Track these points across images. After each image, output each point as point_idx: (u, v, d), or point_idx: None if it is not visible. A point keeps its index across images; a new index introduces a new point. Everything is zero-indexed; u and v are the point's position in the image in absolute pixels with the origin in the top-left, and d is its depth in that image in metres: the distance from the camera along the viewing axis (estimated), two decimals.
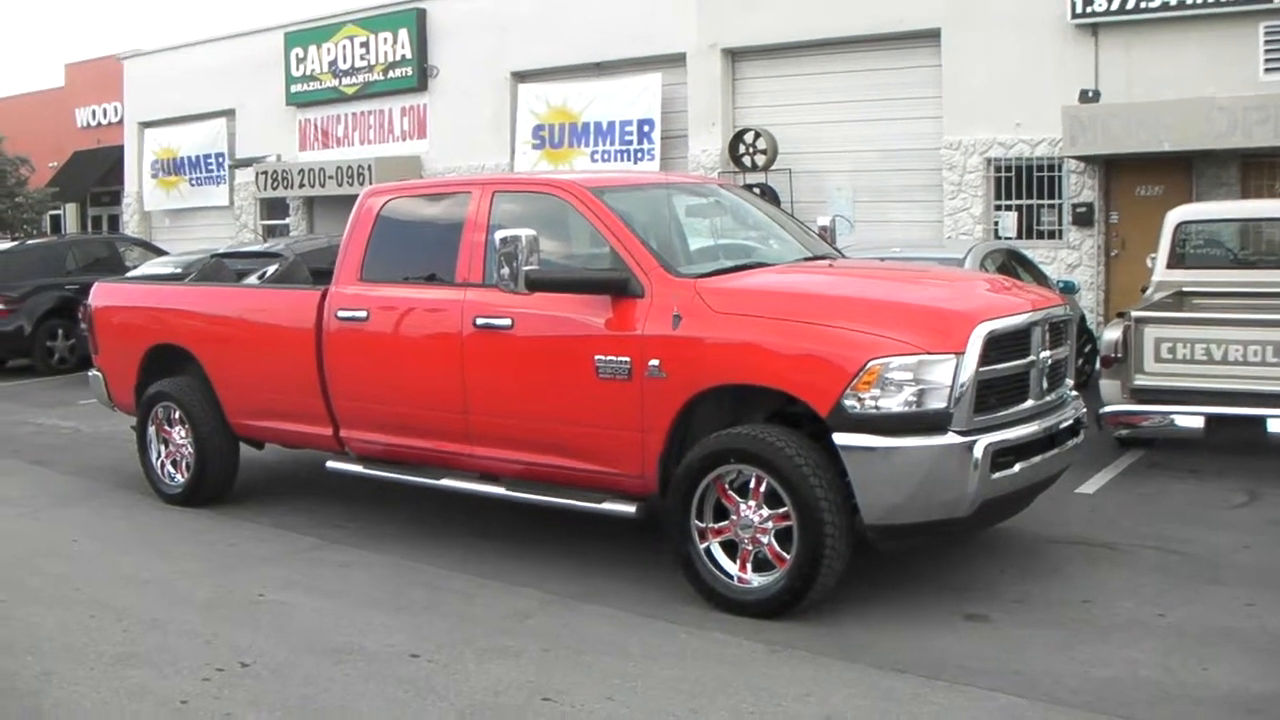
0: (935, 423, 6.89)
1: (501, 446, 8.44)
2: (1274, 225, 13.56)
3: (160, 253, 23.24)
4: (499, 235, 7.84)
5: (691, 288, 7.64)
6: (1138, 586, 7.74)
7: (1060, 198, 18.39)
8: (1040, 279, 13.67)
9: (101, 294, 11.61)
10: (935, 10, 18.93)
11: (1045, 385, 7.69)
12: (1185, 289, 12.41)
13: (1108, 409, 10.83)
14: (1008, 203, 18.87)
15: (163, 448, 10.71)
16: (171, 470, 10.65)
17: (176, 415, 10.47)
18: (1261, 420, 10.26)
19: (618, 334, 7.72)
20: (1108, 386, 10.95)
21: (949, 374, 6.88)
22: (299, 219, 28.39)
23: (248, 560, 8.84)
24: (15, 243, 24.37)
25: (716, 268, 8.23)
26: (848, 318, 7.15)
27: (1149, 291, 12.59)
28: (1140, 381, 10.68)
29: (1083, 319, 14.57)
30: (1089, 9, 17.44)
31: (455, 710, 5.98)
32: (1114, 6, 17.23)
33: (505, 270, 7.74)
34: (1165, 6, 16.89)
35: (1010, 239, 18.00)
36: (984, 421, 7.08)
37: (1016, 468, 7.25)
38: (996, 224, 18.88)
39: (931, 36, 19.07)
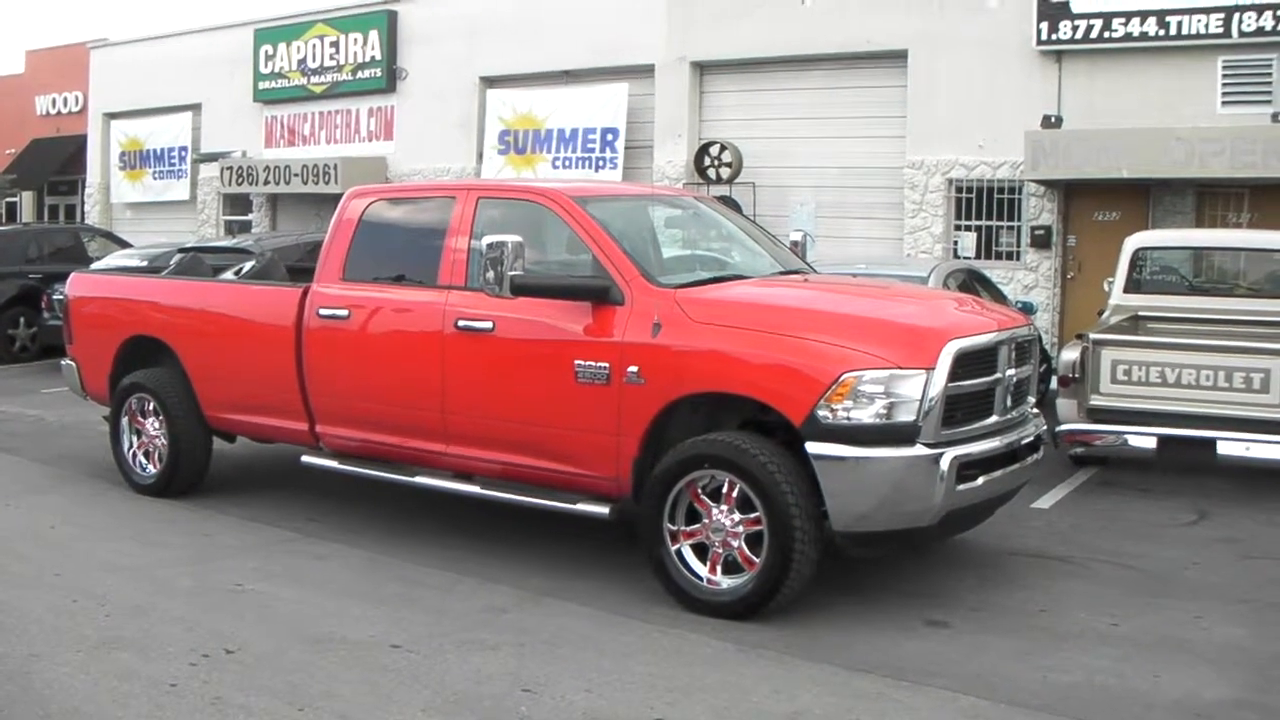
0: (904, 435, 7.14)
1: (478, 446, 8.62)
2: (1228, 254, 13.94)
3: (124, 244, 23.22)
4: (486, 240, 8.04)
5: (671, 297, 7.85)
6: (1092, 598, 8.01)
7: (1019, 220, 18.70)
8: (1000, 299, 13.95)
9: (78, 284, 11.70)
10: (903, 32, 19.21)
11: (1009, 402, 7.95)
12: (1141, 313, 12.72)
13: (1064, 427, 11.12)
14: (968, 223, 19.17)
15: (135, 438, 10.82)
16: (144, 461, 10.76)
17: (151, 406, 10.58)
18: (1212, 442, 10.58)
19: (598, 340, 7.93)
20: (1064, 405, 11.24)
21: (919, 388, 7.13)
22: (262, 215, 28.43)
23: (224, 551, 8.99)
24: None
25: (695, 278, 8.45)
26: (823, 331, 7.39)
27: (1105, 315, 12.90)
28: (1096, 401, 10.98)
29: (1040, 339, 14.85)
30: (1054, 36, 17.76)
31: (440, 697, 6.17)
32: (1079, 35, 17.56)
33: (490, 274, 7.93)
34: (1128, 37, 17.22)
35: (969, 259, 18.29)
36: (950, 435, 7.33)
37: (980, 480, 7.51)
38: (956, 243, 19.17)
39: (898, 57, 19.35)
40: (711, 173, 20.93)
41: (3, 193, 34.49)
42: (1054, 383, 11.75)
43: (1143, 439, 10.89)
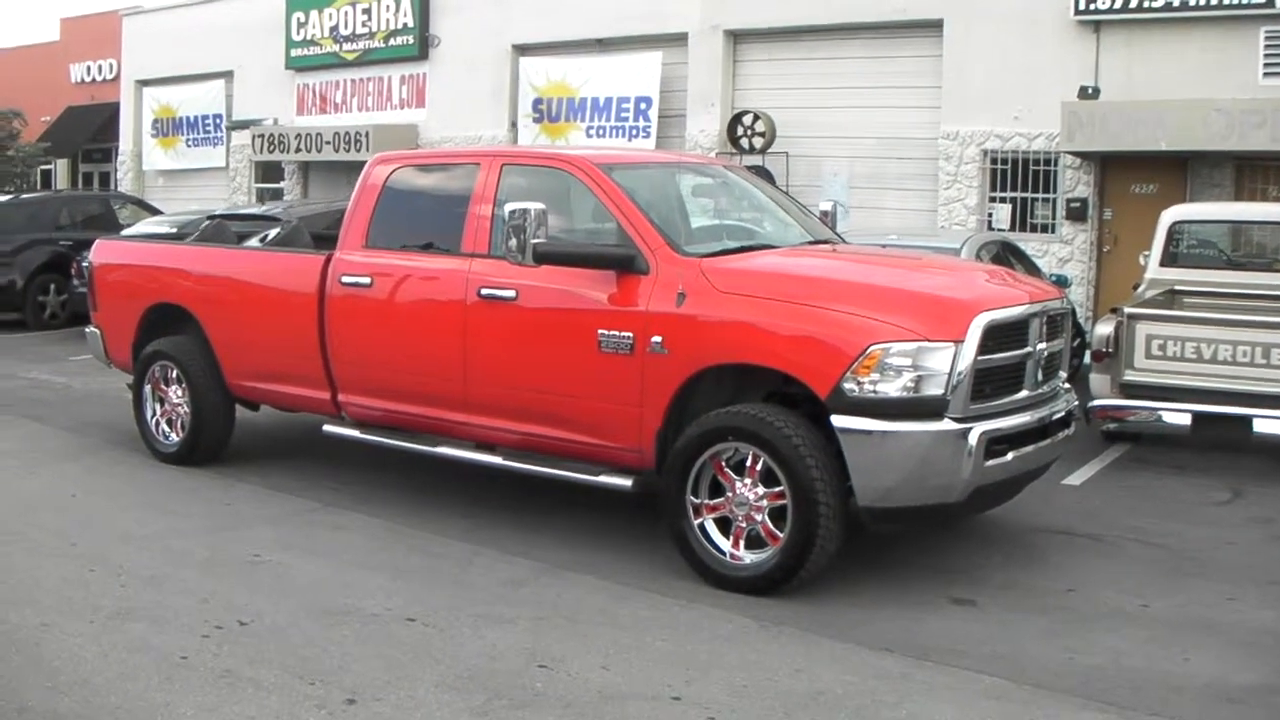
0: (932, 409, 7.00)
1: (500, 416, 8.52)
2: (1267, 228, 13.71)
3: (154, 211, 23.23)
4: (508, 207, 7.92)
5: (696, 267, 7.72)
6: (1121, 577, 7.87)
7: (1055, 192, 18.48)
8: (1033, 272, 13.77)
9: (102, 251, 11.64)
10: (939, 1, 18.98)
11: (1040, 377, 7.80)
12: (1177, 288, 12.53)
13: (1096, 403, 10.95)
14: (1002, 195, 18.96)
15: (158, 406, 10.76)
16: (166, 429, 10.70)
17: (174, 374, 10.52)
18: (1247, 420, 10.40)
19: (621, 309, 7.81)
20: (1097, 381, 11.06)
21: (947, 361, 6.99)
22: (294, 183, 28.38)
23: (243, 520, 8.92)
24: (9, 197, 24.35)
25: (721, 248, 8.32)
26: (849, 302, 7.25)
27: (1141, 289, 12.72)
28: (1130, 377, 10.80)
29: (1073, 313, 14.66)
30: (1092, 6, 17.52)
31: (453, 672, 6.07)
32: (1117, 5, 17.31)
33: (513, 242, 7.82)
34: (1168, 7, 16.98)
35: (1004, 231, 18.09)
36: (979, 410, 7.18)
37: (1009, 456, 7.37)
38: (990, 215, 18.97)
39: (934, 27, 19.13)
40: (744, 142, 20.78)
41: (37, 160, 34.52)
42: (1087, 357, 11.56)
43: (1177, 415, 10.70)
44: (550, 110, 23.53)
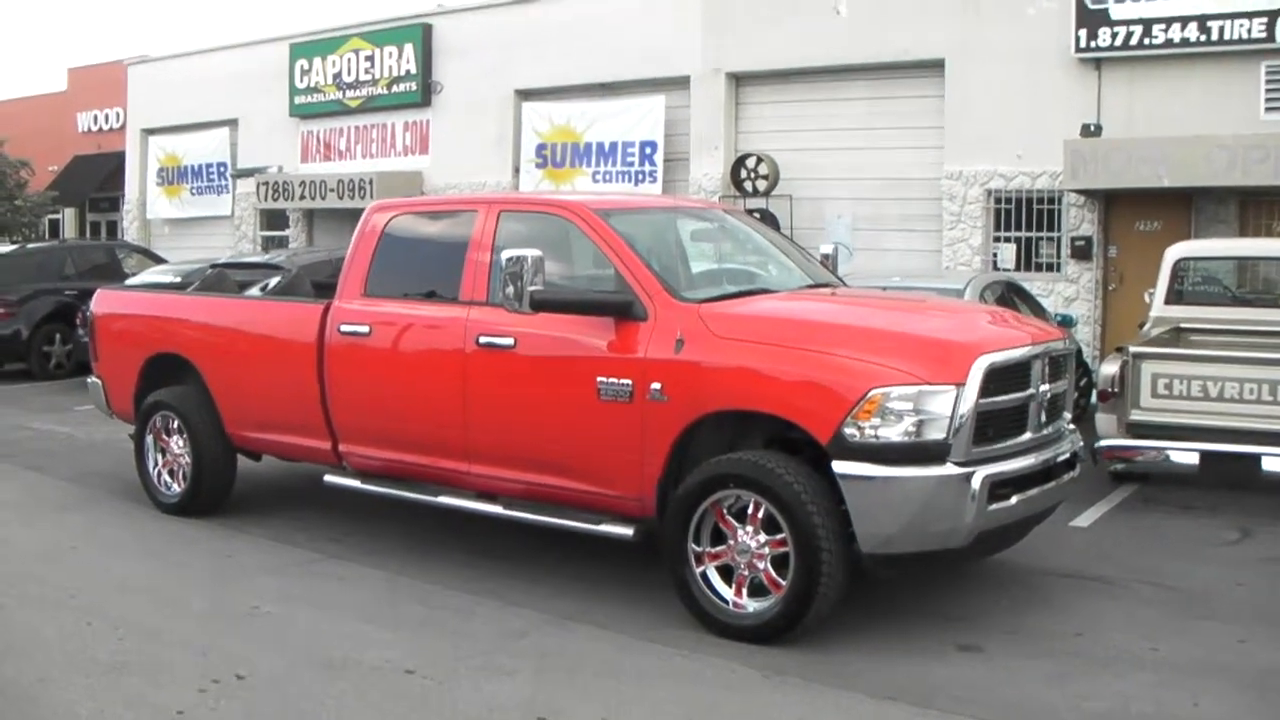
0: (934, 453, 6.93)
1: (501, 465, 8.46)
2: (1272, 264, 13.65)
3: (159, 260, 23.29)
4: (505, 255, 7.89)
5: (694, 312, 7.68)
6: (1130, 620, 7.78)
7: (1059, 230, 18.43)
8: (1038, 312, 13.72)
9: (103, 301, 11.62)
10: (940, 41, 18.98)
11: (1043, 418, 7.73)
12: (1183, 325, 12.46)
13: (1104, 443, 10.88)
14: (1007, 234, 18.91)
15: (160, 457, 10.72)
16: (168, 479, 10.66)
17: (175, 425, 10.49)
18: (1256, 458, 10.33)
19: (620, 356, 7.76)
20: (1104, 420, 11.00)
21: (949, 405, 6.93)
22: (299, 231, 28.40)
23: (244, 571, 8.86)
24: (15, 247, 24.40)
25: (720, 293, 8.27)
26: (849, 346, 7.20)
27: (1146, 327, 12.66)
28: (1136, 416, 10.74)
29: (1079, 353, 14.60)
30: (1093, 44, 17.50)
31: None
32: (1118, 42, 17.30)
33: (510, 289, 7.78)
34: (1169, 44, 16.95)
35: (1008, 270, 18.04)
36: (982, 453, 7.12)
37: (1013, 500, 7.30)
38: (995, 255, 18.91)
39: (936, 67, 19.12)
40: (748, 185, 20.76)
41: (45, 209, 34.60)
42: (1094, 397, 11.49)
43: (1184, 455, 10.63)
44: (554, 155, 23.54)
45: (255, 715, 6.12)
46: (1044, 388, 7.69)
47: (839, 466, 6.96)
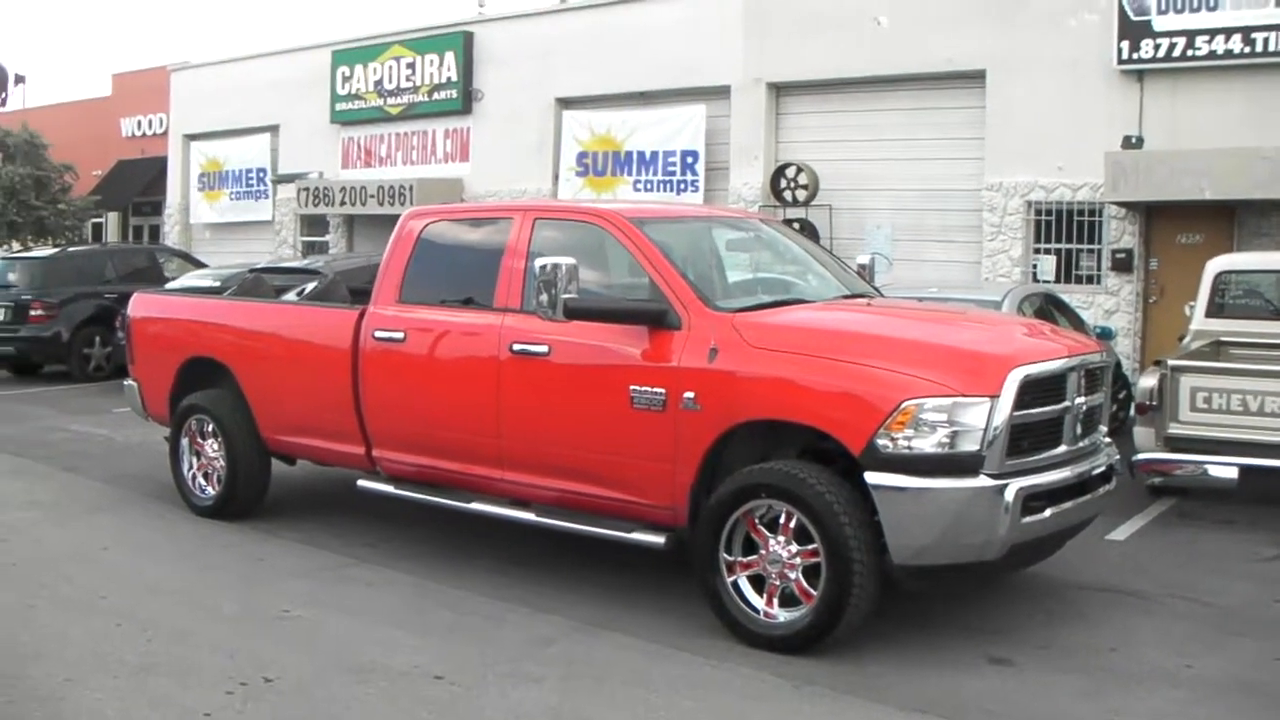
0: (967, 465, 6.88)
1: (533, 472, 8.45)
2: None
3: (199, 265, 23.40)
4: (539, 263, 7.87)
5: (729, 322, 7.65)
6: (1165, 636, 7.70)
7: (1100, 243, 18.31)
8: (1077, 324, 13.62)
9: (140, 305, 11.68)
10: (981, 52, 18.89)
11: (1079, 431, 7.66)
12: (1223, 339, 12.34)
13: (1141, 456, 10.77)
14: (1047, 246, 18.80)
15: (195, 459, 10.76)
16: (203, 482, 10.70)
17: (210, 428, 10.53)
18: None
19: (654, 365, 7.74)
20: (1142, 434, 10.90)
21: (983, 417, 6.87)
22: (338, 237, 28.51)
23: (275, 575, 8.87)
24: (56, 250, 24.56)
25: (754, 302, 8.24)
26: (883, 357, 7.15)
27: (1186, 340, 12.55)
28: (1175, 430, 10.63)
29: (1119, 365, 14.48)
30: (1135, 55, 17.39)
31: None
32: (1160, 54, 17.18)
33: (544, 297, 7.77)
34: (1211, 55, 16.82)
35: (1048, 282, 17.92)
36: (1016, 465, 7.06)
37: (1047, 513, 7.23)
38: (1035, 267, 18.80)
39: (977, 77, 19.04)
40: (788, 195, 20.72)
41: (88, 213, 34.83)
42: (1133, 410, 11.38)
43: (1223, 469, 10.49)
44: (595, 164, 23.55)
45: (281, 718, 6.12)
46: (1080, 400, 7.62)
47: (871, 477, 6.92)
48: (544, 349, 8.26)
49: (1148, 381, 10.84)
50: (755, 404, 7.42)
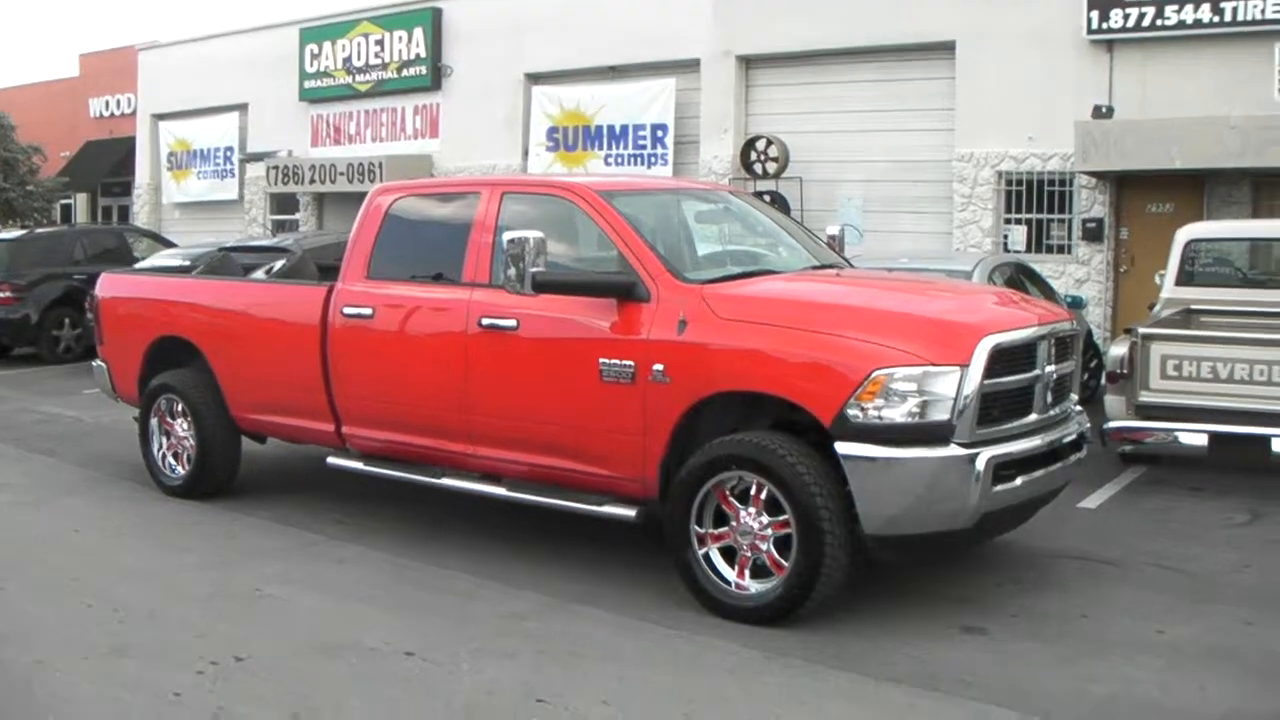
0: (938, 434, 6.87)
1: (503, 447, 8.42)
2: None
3: (169, 244, 23.26)
4: (507, 236, 7.84)
5: (698, 294, 7.62)
6: (1137, 603, 7.72)
7: (1070, 213, 18.33)
8: (1048, 294, 13.62)
9: (108, 285, 11.59)
10: (951, 23, 18.86)
11: (1049, 400, 7.66)
12: (1193, 307, 12.37)
13: (1112, 424, 10.79)
14: (1017, 216, 18.82)
15: (164, 439, 10.70)
16: (173, 462, 10.64)
17: (179, 408, 10.47)
18: (1266, 440, 10.23)
19: (623, 338, 7.71)
20: (1113, 402, 10.92)
21: (953, 386, 6.86)
22: (309, 215, 28.39)
23: (247, 554, 8.83)
24: (24, 231, 24.39)
25: (723, 274, 8.21)
26: (853, 327, 7.13)
27: (1157, 309, 12.57)
28: (1145, 398, 10.65)
29: (1089, 334, 14.50)
30: (1105, 25, 17.39)
31: (449, 710, 5.97)
32: (1130, 24, 17.18)
33: (512, 271, 7.73)
34: (1181, 25, 16.82)
35: (1019, 253, 17.93)
36: (987, 434, 7.06)
37: (1018, 481, 7.23)
38: (1006, 237, 18.82)
39: (947, 48, 19.01)
40: (758, 168, 20.69)
41: (57, 194, 34.62)
42: (1104, 379, 11.40)
43: (1194, 436, 10.54)
44: (565, 139, 23.48)
45: (253, 698, 6.08)
46: (1050, 369, 7.62)
47: (842, 448, 6.90)
48: (512, 323, 8.22)
49: (1118, 350, 10.85)
50: (725, 376, 7.40)
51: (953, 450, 6.88)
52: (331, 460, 9.64)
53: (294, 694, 6.14)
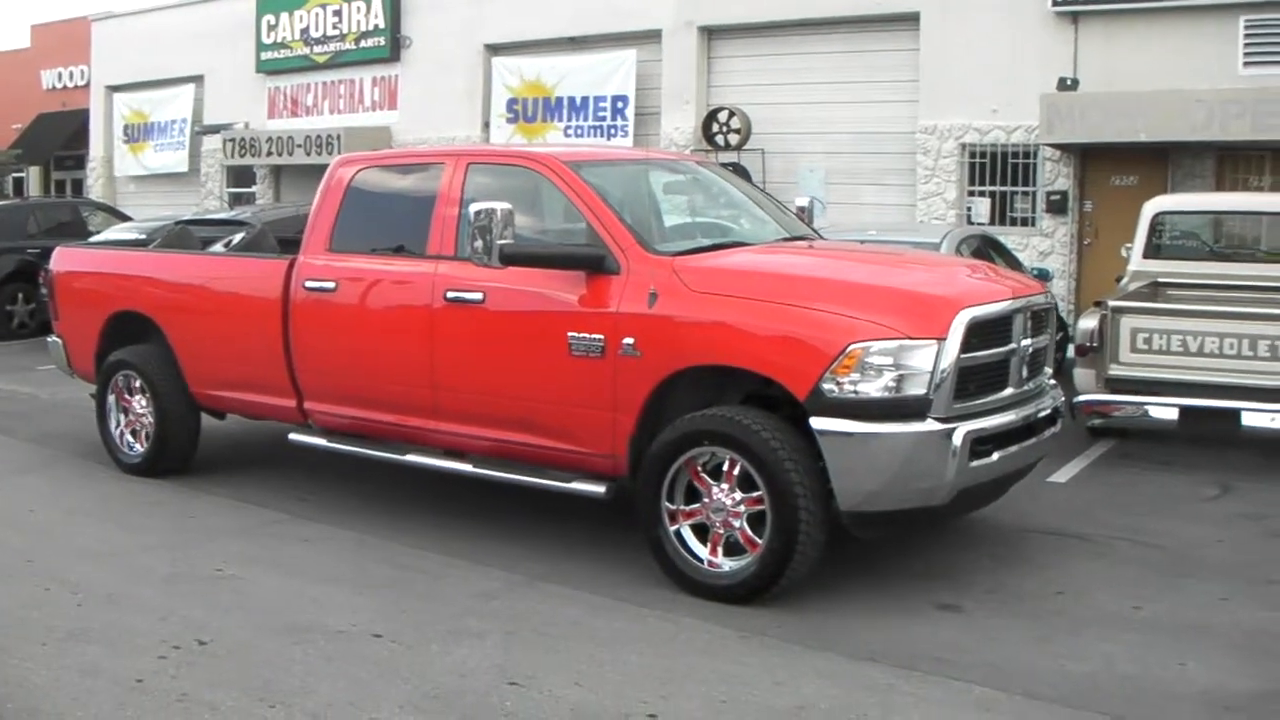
0: (914, 409, 6.77)
1: (470, 423, 8.27)
2: (1250, 219, 13.50)
3: (124, 218, 22.95)
4: (474, 208, 7.66)
5: (668, 266, 7.48)
6: (1112, 579, 7.65)
7: (1034, 185, 18.29)
8: (1015, 266, 13.57)
9: (63, 259, 11.36)
10: None
11: (1025, 374, 7.58)
12: (1161, 280, 12.32)
13: (1083, 398, 10.73)
14: (981, 188, 18.76)
15: (122, 416, 10.50)
16: (131, 440, 10.44)
17: (137, 384, 10.27)
18: (1235, 413, 10.21)
19: (592, 311, 7.57)
20: (1082, 375, 10.86)
21: (930, 360, 6.76)
22: (266, 187, 28.09)
23: (208, 533, 8.65)
24: None
25: (694, 246, 8.08)
26: (828, 300, 7.01)
27: (1124, 281, 12.52)
28: (1115, 371, 10.60)
29: (1055, 307, 14.44)
30: None
31: (419, 693, 5.82)
32: None
33: (479, 243, 7.56)
34: None
35: (983, 225, 17.89)
36: (963, 409, 6.96)
37: (995, 456, 7.15)
38: (969, 209, 18.77)
39: (910, 20, 18.93)
40: (720, 139, 20.58)
41: (9, 168, 34.17)
42: (1071, 351, 11.33)
43: (1164, 410, 10.50)
44: (525, 110, 23.30)
45: (218, 682, 5.92)
46: (1026, 342, 7.54)
47: (817, 423, 6.79)
48: (479, 296, 8.06)
49: (1088, 323, 10.79)
50: (697, 349, 7.27)
51: (929, 425, 6.78)
52: (293, 436, 9.46)
53: (259, 678, 5.98)
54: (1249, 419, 10.17)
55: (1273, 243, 13.32)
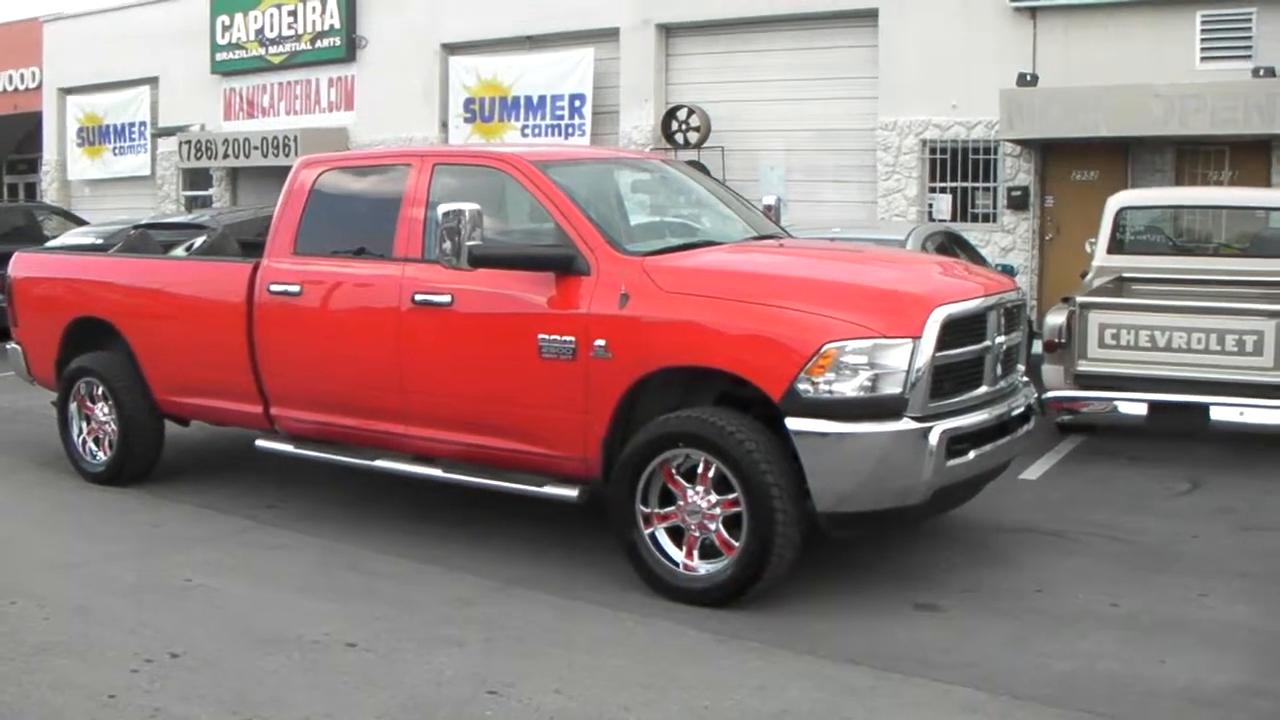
0: (890, 408, 6.73)
1: (439, 427, 8.19)
2: (1213, 213, 13.55)
3: (80, 222, 22.73)
4: (442, 209, 7.56)
5: (639, 266, 7.42)
6: (1088, 575, 7.64)
7: (995, 181, 18.34)
8: (979, 262, 13.54)
9: (22, 264, 11.19)
10: None
11: (999, 371, 7.56)
12: (1125, 275, 12.34)
13: (1052, 394, 10.74)
14: (942, 185, 18.80)
15: (84, 425, 10.35)
16: (94, 448, 10.30)
17: (99, 391, 10.13)
18: (1204, 408, 10.25)
19: (562, 313, 7.50)
20: (1050, 371, 10.87)
21: (905, 358, 6.72)
22: (222, 190, 27.89)
23: (175, 542, 8.53)
24: None
25: (664, 245, 8.02)
26: (801, 299, 6.97)
27: (1089, 277, 12.53)
28: (1084, 367, 10.62)
29: (1025, 304, 14.47)
30: None
31: (396, 702, 5.74)
32: None
33: (447, 245, 7.46)
34: None
35: (945, 221, 17.92)
36: (939, 408, 6.93)
37: (971, 455, 7.11)
38: (930, 206, 18.80)
39: (869, 16, 18.94)
40: (679, 137, 20.56)
41: None
42: (1036, 347, 11.34)
43: (1132, 405, 10.55)
44: (483, 110, 23.22)
45: (191, 695, 5.83)
46: (999, 339, 7.51)
47: (792, 423, 6.74)
48: (447, 299, 7.98)
49: (1056, 319, 10.80)
50: (669, 350, 7.21)
51: (905, 424, 6.74)
52: (260, 443, 9.35)
53: (233, 690, 5.89)
54: (1217, 414, 10.22)
55: (1235, 237, 13.37)
